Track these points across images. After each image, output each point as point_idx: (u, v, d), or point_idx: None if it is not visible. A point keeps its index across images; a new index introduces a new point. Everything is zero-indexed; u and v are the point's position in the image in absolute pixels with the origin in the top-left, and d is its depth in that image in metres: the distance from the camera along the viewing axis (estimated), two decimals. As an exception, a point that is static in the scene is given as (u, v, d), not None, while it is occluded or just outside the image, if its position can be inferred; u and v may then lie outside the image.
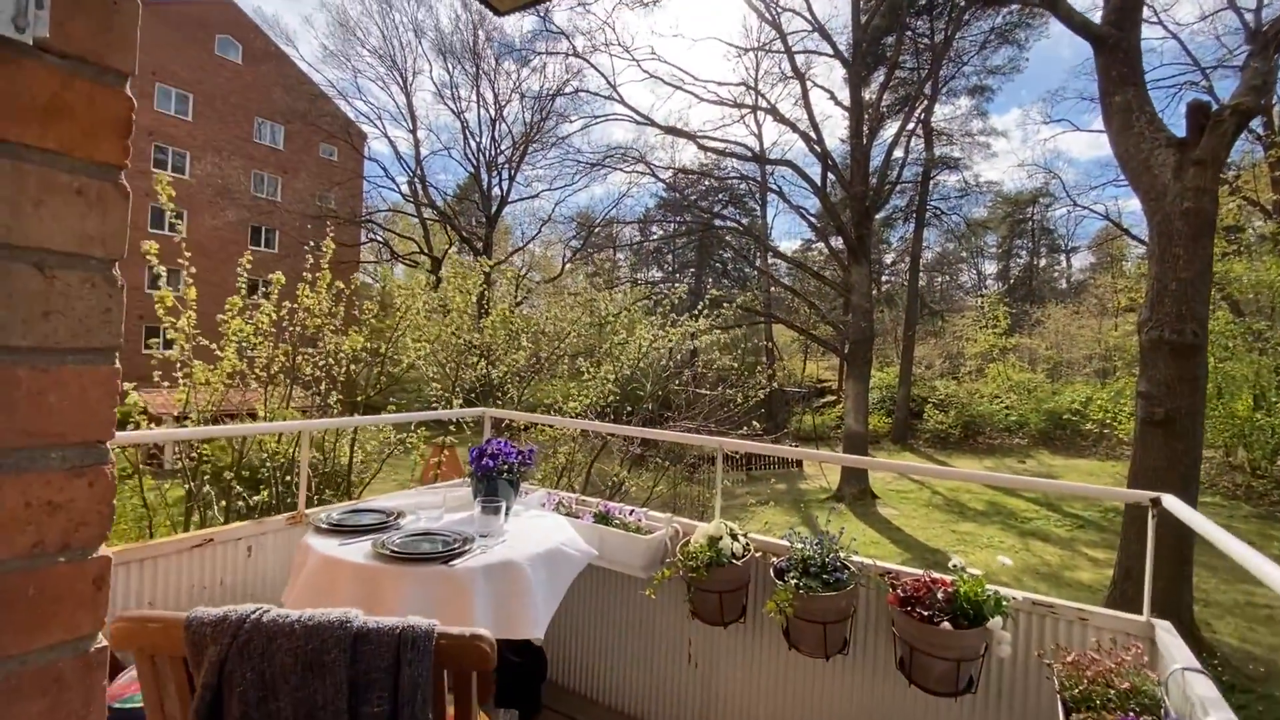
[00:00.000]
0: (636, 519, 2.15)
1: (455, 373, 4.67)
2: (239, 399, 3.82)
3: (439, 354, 5.07)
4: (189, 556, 1.78)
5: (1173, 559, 5.94)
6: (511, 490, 1.95)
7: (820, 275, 16.96)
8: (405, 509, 1.86)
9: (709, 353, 6.57)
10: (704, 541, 1.90)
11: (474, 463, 1.88)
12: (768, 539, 2.06)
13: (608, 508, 2.20)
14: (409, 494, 2.01)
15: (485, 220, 30.69)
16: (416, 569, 1.45)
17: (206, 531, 1.84)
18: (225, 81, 31.90)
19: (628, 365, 4.49)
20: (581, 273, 32.64)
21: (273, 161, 33.53)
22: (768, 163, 17.43)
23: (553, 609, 1.59)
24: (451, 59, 29.11)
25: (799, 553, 1.88)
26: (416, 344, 4.40)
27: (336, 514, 1.78)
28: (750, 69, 22.02)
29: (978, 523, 12.24)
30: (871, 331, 14.48)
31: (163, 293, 3.61)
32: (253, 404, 4.27)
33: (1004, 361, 24.62)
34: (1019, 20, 20.91)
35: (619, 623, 2.29)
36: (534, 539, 1.75)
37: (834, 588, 1.78)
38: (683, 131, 15.92)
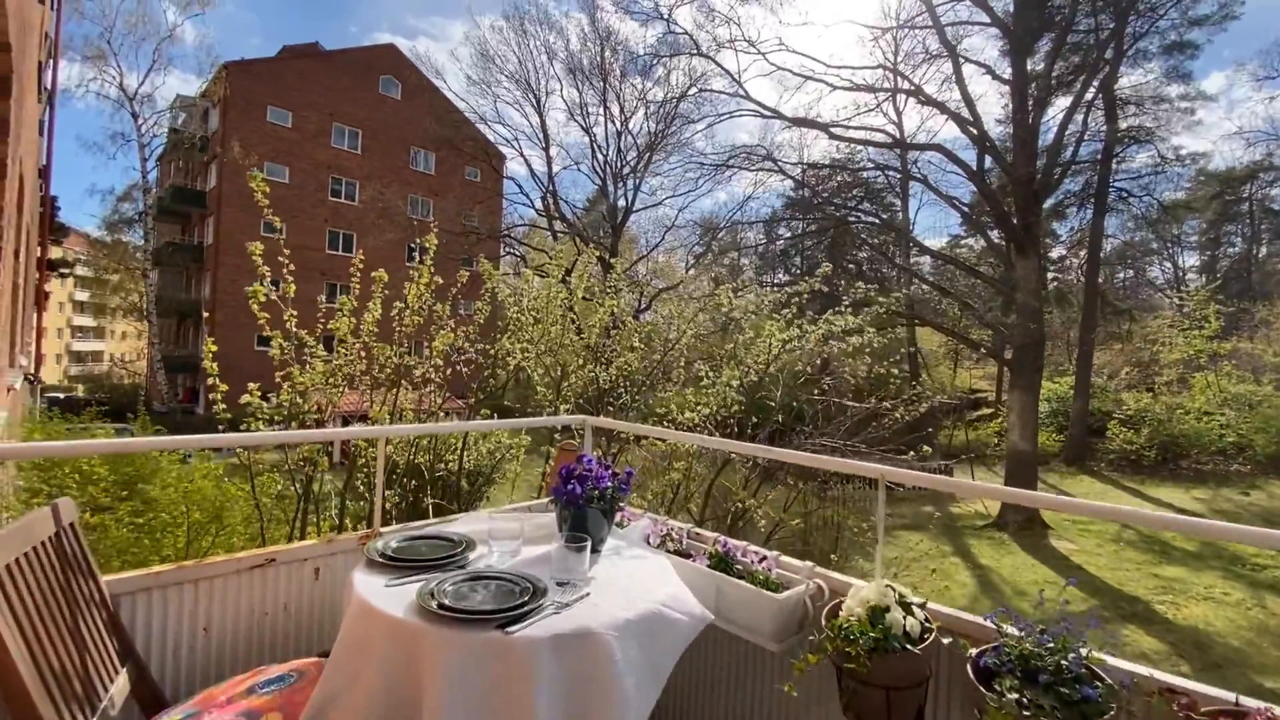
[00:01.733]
0: (766, 566, 1.65)
1: (559, 376, 4.41)
2: (355, 400, 3.81)
3: (544, 356, 4.83)
4: (249, 578, 1.58)
5: None
6: (604, 522, 1.55)
7: (976, 271, 14.99)
8: (479, 536, 1.53)
9: (842, 360, 5.76)
10: (863, 613, 1.35)
11: (559, 486, 1.51)
12: (956, 613, 1.45)
13: (727, 546, 1.73)
14: (481, 519, 1.68)
15: (611, 230, 31.33)
16: (466, 634, 1.09)
17: (269, 550, 1.66)
18: (387, 116, 35.67)
19: (755, 370, 3.95)
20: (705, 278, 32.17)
21: (425, 185, 36.89)
22: (912, 148, 15.84)
23: (648, 704, 1.16)
24: (580, 77, 30.13)
25: (1013, 646, 1.25)
26: (516, 344, 4.20)
27: (396, 541, 1.48)
28: (888, 51, 20.34)
29: (1188, 566, 10.00)
30: (1042, 334, 12.52)
31: (256, 291, 3.57)
32: (365, 406, 4.28)
33: (1216, 370, 20.43)
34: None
35: (737, 709, 1.80)
36: (629, 594, 1.32)
37: (1083, 714, 1.12)
38: (814, 122, 14.92)
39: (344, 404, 3.46)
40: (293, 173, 32.60)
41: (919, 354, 27.75)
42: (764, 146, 17.87)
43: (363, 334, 3.52)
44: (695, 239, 35.64)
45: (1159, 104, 20.57)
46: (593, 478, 1.51)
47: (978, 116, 13.02)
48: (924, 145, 14.81)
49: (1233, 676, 6.02)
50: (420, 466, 4.03)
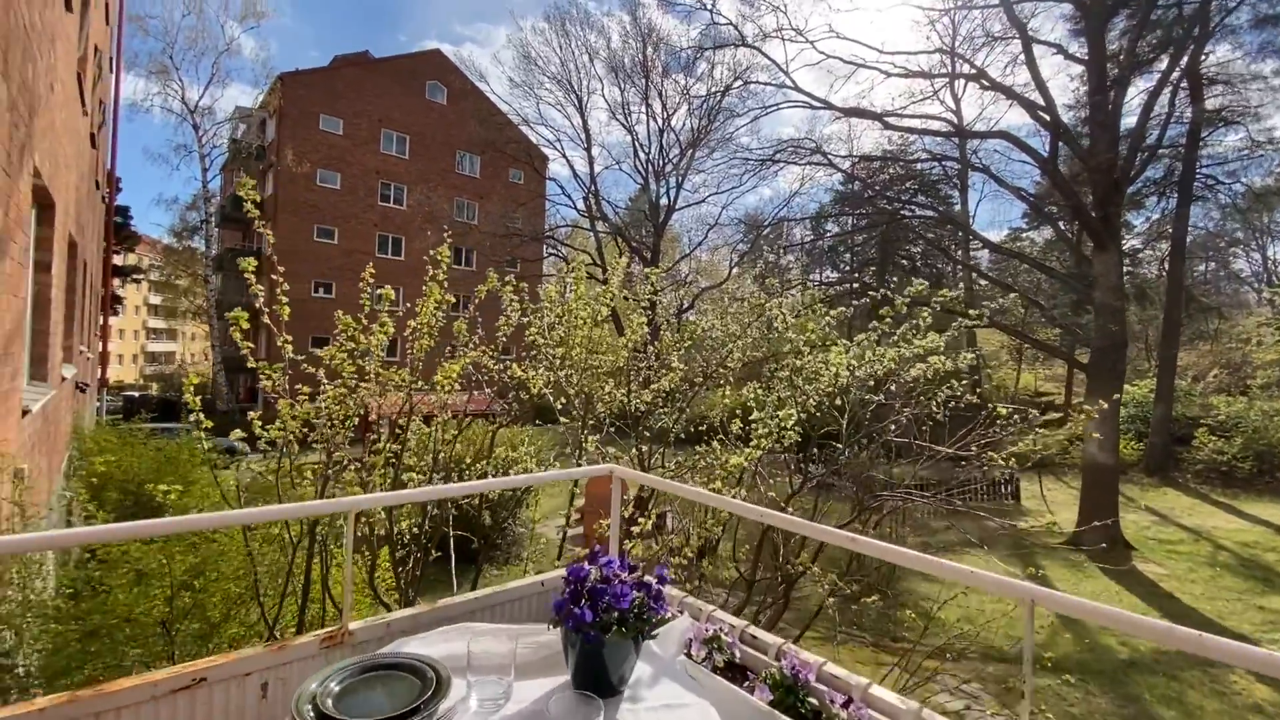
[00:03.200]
0: (856, 713, 1.19)
1: (584, 405, 3.99)
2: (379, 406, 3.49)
3: (570, 377, 4.39)
4: (171, 706, 1.23)
5: None
6: (630, 651, 1.13)
7: (1045, 267, 13.82)
8: (462, 661, 1.12)
9: (916, 385, 5.08)
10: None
11: (560, 603, 1.09)
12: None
13: (795, 667, 1.28)
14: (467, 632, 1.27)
15: (654, 229, 30.92)
16: None
17: (199, 666, 1.25)
18: (433, 121, 36.22)
19: (814, 398, 3.42)
20: (749, 276, 31.40)
21: (470, 188, 37.33)
22: (974, 136, 14.79)
23: None
24: (622, 75, 29.83)
25: None
26: (533, 370, 3.76)
27: (339, 681, 1.08)
28: (945, 36, 19.18)
29: (1304, 599, 8.88)
30: (1124, 336, 11.43)
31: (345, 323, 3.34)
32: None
33: (1319, 372, 18.53)
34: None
35: None
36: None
37: None
38: (867, 112, 14.10)
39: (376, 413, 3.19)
40: (344, 179, 33.44)
41: (980, 356, 26.27)
42: (811, 139, 17.09)
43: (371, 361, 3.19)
44: (739, 236, 34.90)
45: (1251, 82, 18.72)
46: (611, 593, 1.08)
47: (1050, 100, 11.98)
48: (988, 133, 13.78)
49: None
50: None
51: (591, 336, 3.88)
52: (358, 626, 1.44)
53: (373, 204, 34.11)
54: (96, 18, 8.68)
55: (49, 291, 4.88)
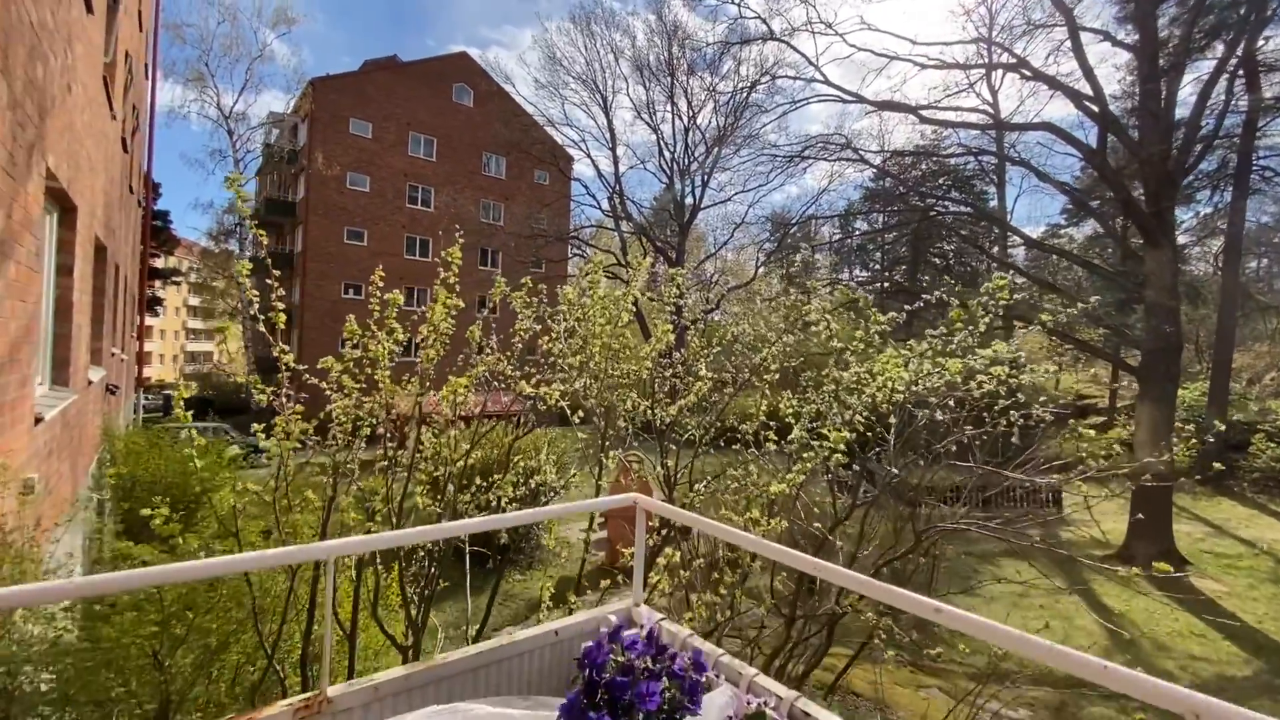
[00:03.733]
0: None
1: (605, 416, 3.74)
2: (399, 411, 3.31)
3: (590, 385, 4.14)
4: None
5: None
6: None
7: (1092, 265, 13.16)
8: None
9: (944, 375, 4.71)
10: None
11: (571, 704, 0.87)
12: None
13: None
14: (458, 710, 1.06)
15: (679, 229, 30.66)
16: None
17: None
18: (460, 123, 36.49)
19: (860, 414, 3.11)
20: (776, 276, 30.97)
21: (496, 190, 37.52)
22: (1016, 128, 14.20)
23: None
24: (647, 74, 29.62)
25: None
26: (537, 382, 3.50)
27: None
28: (981, 26, 18.51)
29: (1382, 621, 8.22)
30: (1179, 337, 10.80)
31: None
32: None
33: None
34: None
35: None
36: None
37: None
38: (902, 105, 13.60)
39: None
40: (373, 181, 33.89)
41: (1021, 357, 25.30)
42: (842, 135, 16.63)
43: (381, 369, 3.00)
44: (766, 235, 34.43)
45: (1317, 66, 17.62)
46: (635, 692, 0.86)
47: (1099, 89, 11.37)
48: (1031, 125, 13.16)
49: None
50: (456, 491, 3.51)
51: (611, 345, 3.63)
52: (339, 693, 1.24)
53: (401, 206, 34.50)
54: (127, 23, 8.77)
55: (71, 295, 4.84)
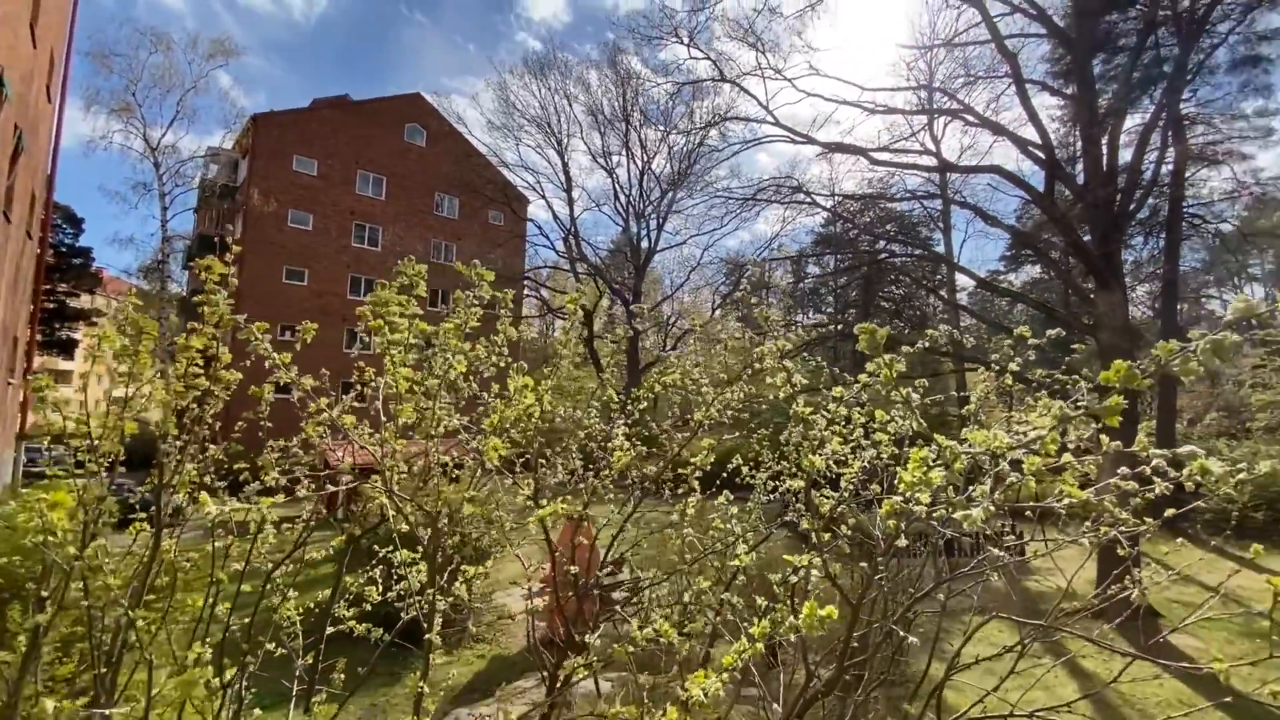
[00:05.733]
0: None
1: (542, 464, 3.00)
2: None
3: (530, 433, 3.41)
4: None
5: None
6: None
7: (1046, 307, 13.17)
8: None
9: None
10: None
11: None
12: None
13: None
14: None
15: (635, 271, 30.34)
16: None
17: None
18: (411, 163, 35.85)
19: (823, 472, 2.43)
20: (731, 318, 30.84)
21: (448, 230, 36.71)
22: (963, 171, 14.31)
23: None
24: (602, 120, 29.73)
25: None
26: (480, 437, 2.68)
27: None
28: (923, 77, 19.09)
29: (1368, 681, 7.74)
30: (1136, 380, 10.60)
31: None
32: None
33: (1320, 415, 17.90)
34: (1314, -39, 15.70)
35: None
36: None
37: None
38: (852, 147, 13.55)
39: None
40: (316, 219, 32.64)
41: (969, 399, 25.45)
42: (793, 178, 16.59)
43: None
44: (721, 278, 34.48)
45: (1234, 122, 18.73)
46: None
47: (1045, 134, 11.46)
48: (979, 168, 13.28)
49: None
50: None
51: (543, 403, 2.89)
52: None
53: (346, 245, 33.26)
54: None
55: None
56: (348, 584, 2.75)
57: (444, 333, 2.34)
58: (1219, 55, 18.11)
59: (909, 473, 1.62)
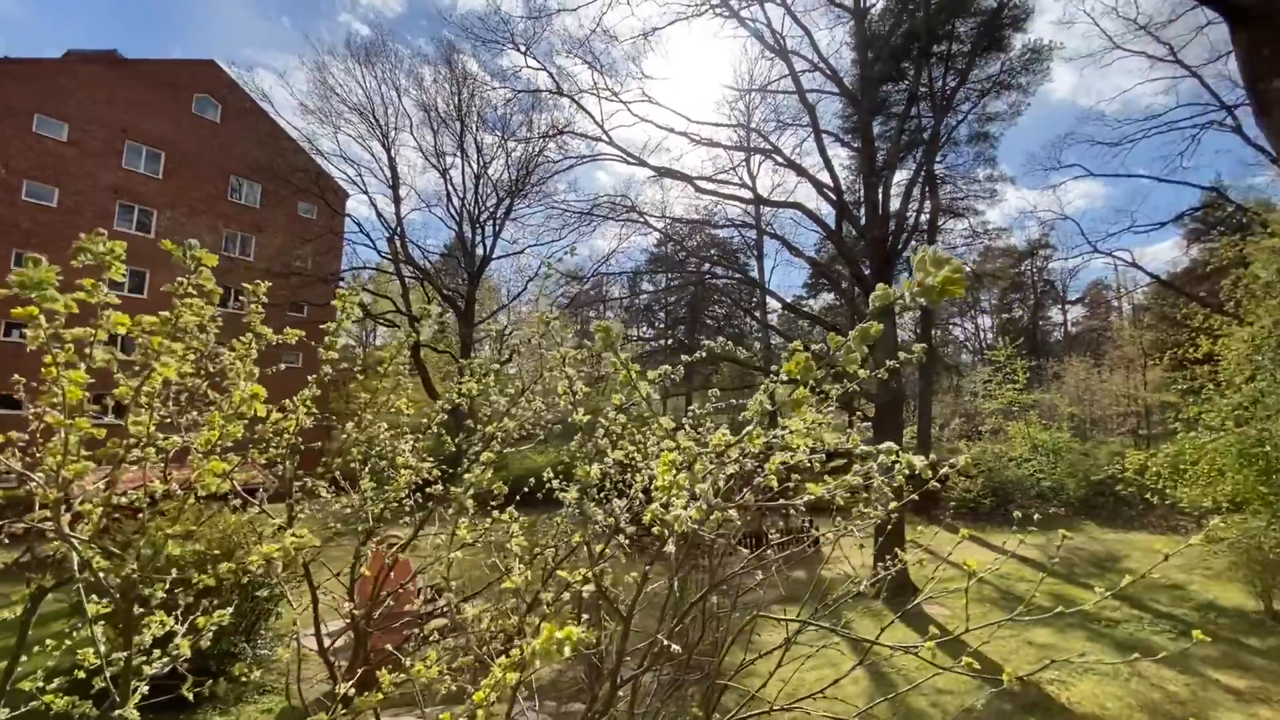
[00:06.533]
0: None
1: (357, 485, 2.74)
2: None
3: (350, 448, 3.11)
4: None
5: None
6: None
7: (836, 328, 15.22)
8: None
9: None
10: None
11: None
12: None
13: None
14: None
15: (469, 278, 29.18)
16: None
17: None
18: (202, 139, 30.98)
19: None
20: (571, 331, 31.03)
21: (246, 219, 32.23)
22: (770, 204, 16.03)
23: None
24: (435, 118, 28.31)
25: None
26: None
27: None
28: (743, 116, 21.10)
29: (1053, 628, 9.96)
30: (901, 393, 12.60)
31: None
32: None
33: (1025, 419, 22.77)
34: (1021, 66, 20.27)
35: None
36: None
37: None
38: (678, 173, 14.48)
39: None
40: (64, 195, 26.78)
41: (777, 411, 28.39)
42: (628, 198, 17.27)
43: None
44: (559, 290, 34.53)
45: (970, 183, 23.34)
46: None
47: (836, 179, 13.28)
48: (784, 203, 14.98)
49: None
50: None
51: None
52: None
53: (108, 228, 27.59)
54: None
55: None
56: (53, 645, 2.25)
57: (149, 325, 1.98)
58: (961, 130, 22.52)
59: (659, 476, 1.74)
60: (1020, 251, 33.45)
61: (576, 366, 2.57)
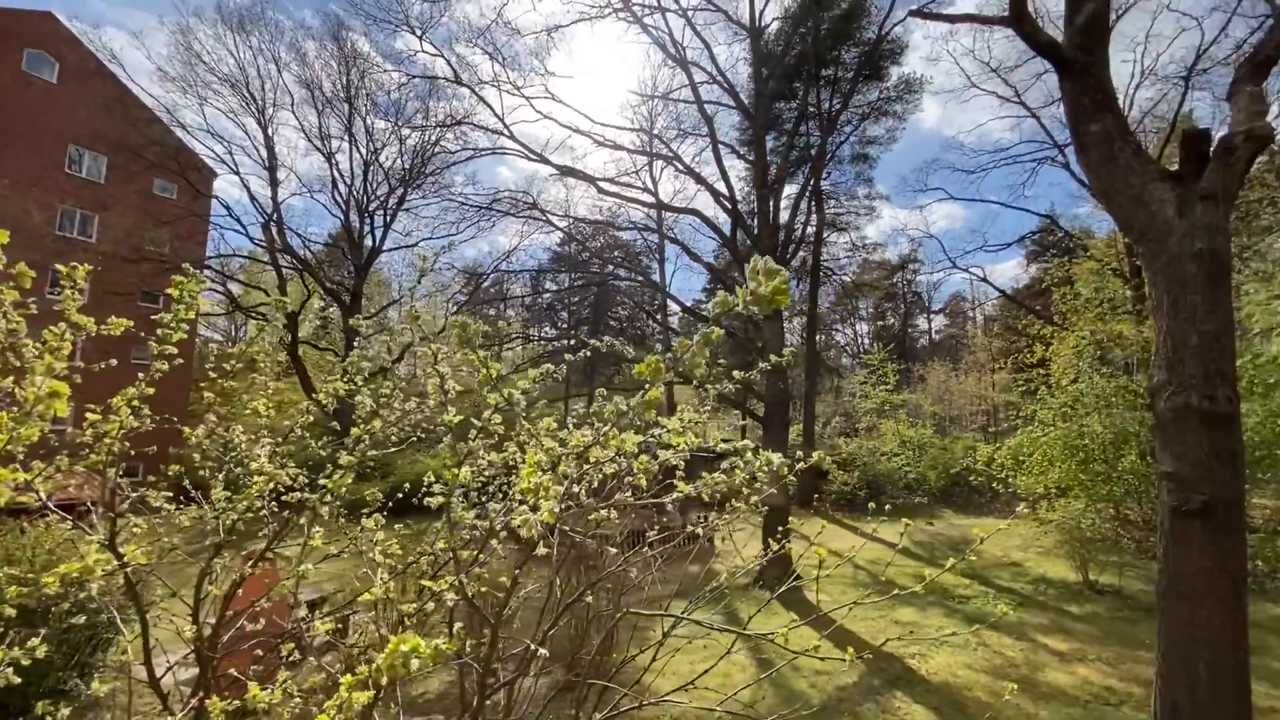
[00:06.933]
0: None
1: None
2: None
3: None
4: None
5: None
6: None
7: (731, 332, 15.91)
8: None
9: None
10: None
11: None
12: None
13: None
14: None
15: (356, 271, 27.38)
16: None
17: None
18: (33, 101, 26.86)
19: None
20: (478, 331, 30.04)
21: (88, 195, 28.32)
22: (671, 210, 16.43)
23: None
24: (319, 95, 26.32)
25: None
26: None
27: None
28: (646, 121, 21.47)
29: (916, 606, 10.98)
30: (789, 393, 13.34)
31: None
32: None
33: (895, 418, 24.92)
34: (896, 95, 22.22)
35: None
36: None
37: None
38: (580, 173, 14.45)
39: None
40: None
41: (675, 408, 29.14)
42: (530, 195, 16.98)
43: None
44: (458, 287, 33.33)
45: (851, 200, 25.19)
46: None
47: (732, 188, 13.83)
48: (683, 209, 15.41)
49: (998, 744, 6.14)
50: None
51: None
52: None
53: (-102, 196, 23.32)
54: None
55: None
56: None
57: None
58: (845, 149, 24.27)
59: (523, 478, 1.76)
60: (893, 265, 36.59)
61: (455, 365, 2.49)
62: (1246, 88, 5.13)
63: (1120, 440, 12.65)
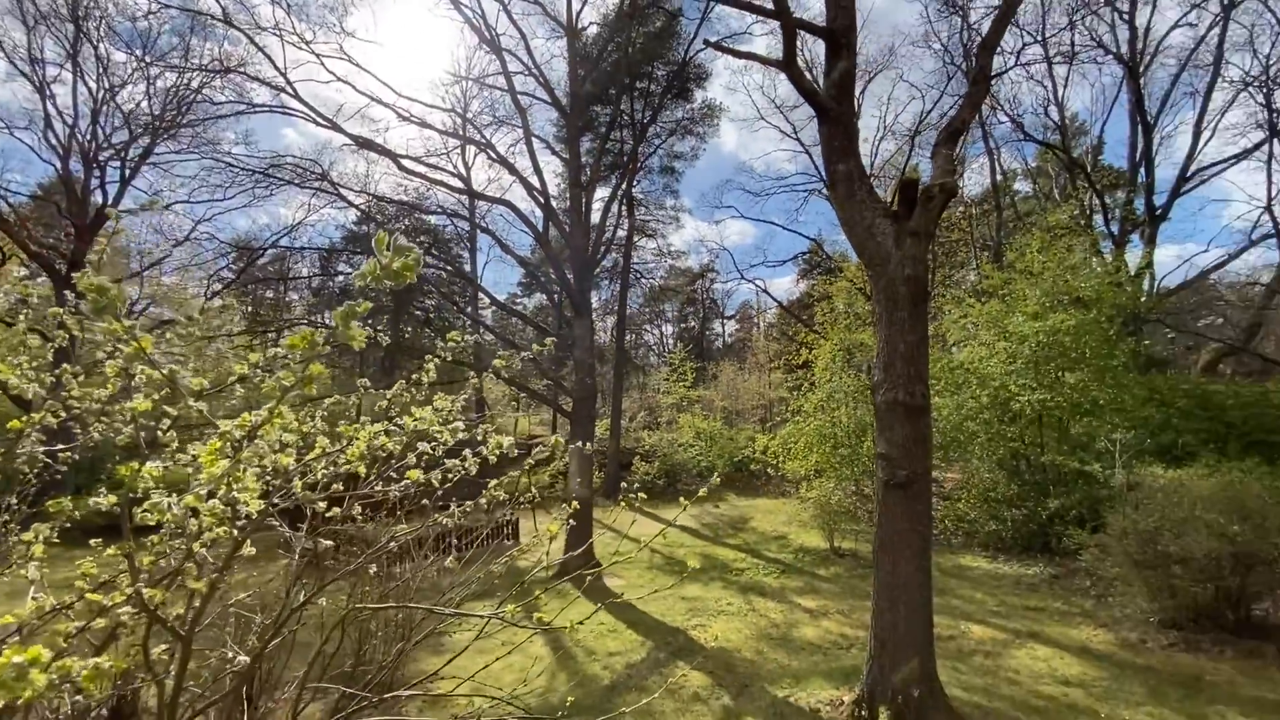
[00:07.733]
0: None
1: None
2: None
3: None
4: None
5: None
6: None
7: (543, 327, 15.89)
8: None
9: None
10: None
11: None
12: None
13: None
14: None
15: (77, 232, 21.99)
16: None
17: None
18: None
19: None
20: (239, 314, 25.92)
21: None
22: (482, 198, 15.90)
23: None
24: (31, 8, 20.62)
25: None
26: None
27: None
28: (459, 104, 20.53)
29: (700, 582, 12.11)
30: (595, 388, 13.80)
31: None
32: None
33: (691, 412, 27.13)
34: (699, 117, 24.17)
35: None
36: None
37: None
38: (380, 147, 13.29)
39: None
40: None
41: (485, 403, 28.42)
42: (319, 164, 15.15)
43: None
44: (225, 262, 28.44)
45: (659, 209, 26.79)
46: None
47: (545, 183, 13.85)
48: (494, 199, 15.00)
49: (757, 693, 7.04)
50: None
51: None
52: None
53: None
54: None
55: None
56: None
57: None
58: (654, 160, 25.71)
59: (204, 467, 1.67)
60: (694, 273, 39.77)
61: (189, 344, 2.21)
62: (943, 150, 6.55)
63: (861, 429, 15.33)
